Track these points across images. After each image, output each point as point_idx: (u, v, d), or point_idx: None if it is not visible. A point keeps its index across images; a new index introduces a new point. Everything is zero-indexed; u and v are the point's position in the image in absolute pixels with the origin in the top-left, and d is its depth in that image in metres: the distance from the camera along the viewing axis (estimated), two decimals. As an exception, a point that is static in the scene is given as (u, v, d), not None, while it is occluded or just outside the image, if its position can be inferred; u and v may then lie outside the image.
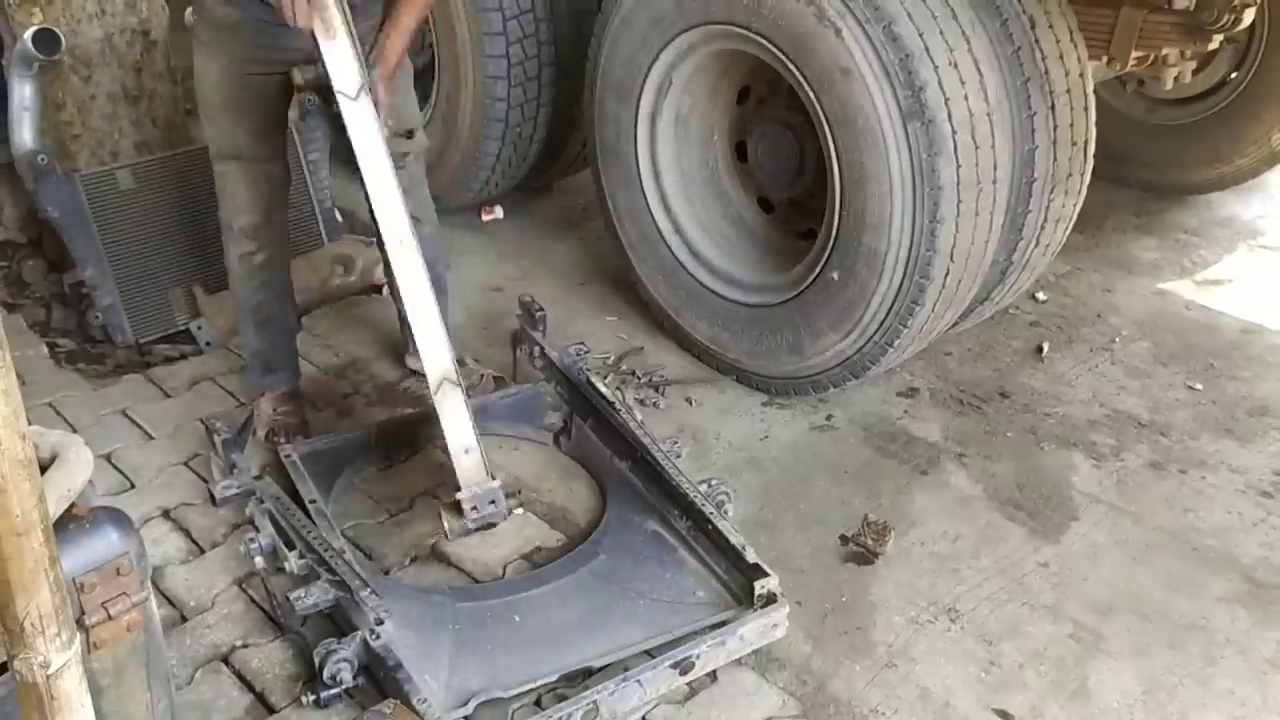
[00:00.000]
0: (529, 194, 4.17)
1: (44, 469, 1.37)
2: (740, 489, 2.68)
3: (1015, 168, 2.64)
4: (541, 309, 2.91)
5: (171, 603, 2.34)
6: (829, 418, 2.97)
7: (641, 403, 3.01)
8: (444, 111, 3.74)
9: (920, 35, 2.41)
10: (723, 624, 2.16)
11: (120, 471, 2.73)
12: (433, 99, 3.79)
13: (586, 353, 2.84)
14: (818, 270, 2.74)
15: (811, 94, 2.58)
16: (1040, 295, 3.59)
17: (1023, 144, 2.63)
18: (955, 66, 2.44)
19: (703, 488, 2.40)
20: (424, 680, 2.01)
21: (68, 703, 1.10)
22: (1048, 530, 2.58)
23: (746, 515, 2.61)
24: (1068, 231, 2.96)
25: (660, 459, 2.45)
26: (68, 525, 1.32)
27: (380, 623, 2.08)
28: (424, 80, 3.88)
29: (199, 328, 3.41)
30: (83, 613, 1.32)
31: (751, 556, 2.21)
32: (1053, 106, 2.64)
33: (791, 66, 2.59)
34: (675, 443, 2.60)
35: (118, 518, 1.37)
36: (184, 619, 2.30)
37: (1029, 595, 2.38)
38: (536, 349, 2.87)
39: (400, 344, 3.16)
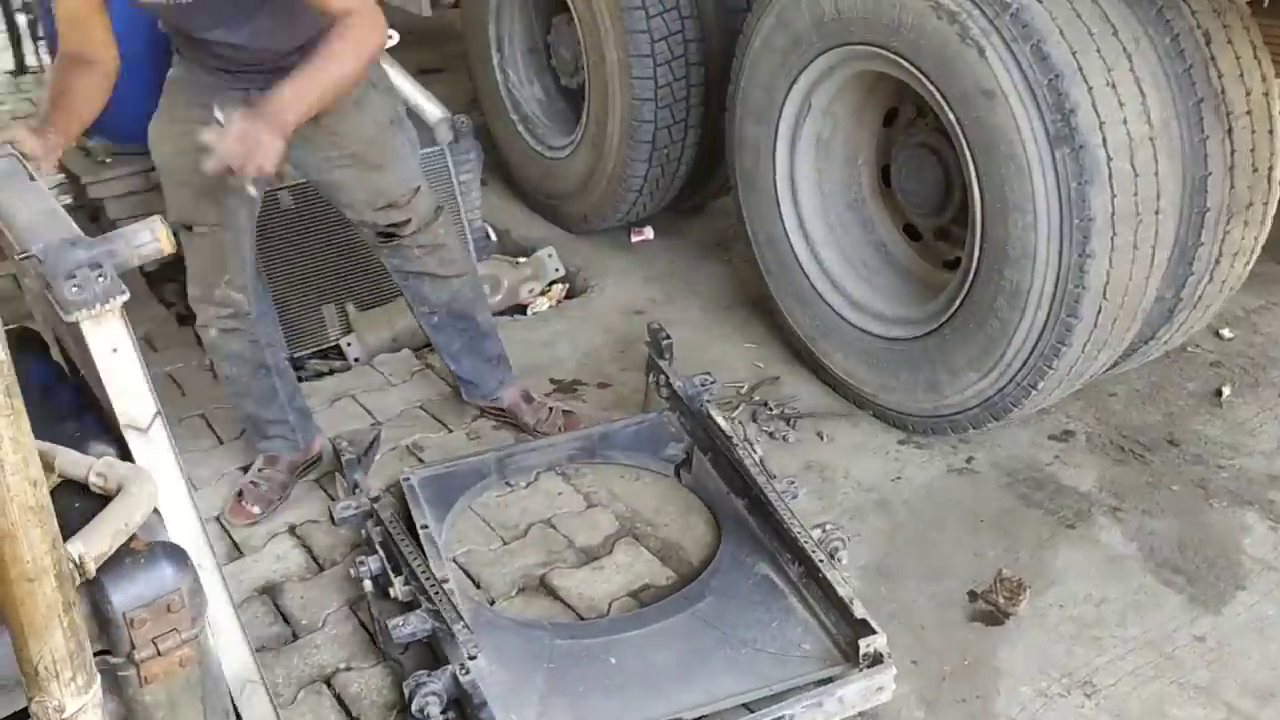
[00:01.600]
0: (681, 215, 4.12)
1: (109, 500, 1.40)
2: (865, 533, 2.54)
3: (1185, 197, 2.41)
4: (668, 336, 2.85)
5: (285, 619, 2.39)
6: (969, 460, 2.78)
7: (770, 435, 2.90)
8: (592, 134, 3.73)
9: (1073, 54, 2.22)
10: (827, 681, 2.04)
11: (256, 485, 2.81)
12: (582, 122, 3.79)
13: (712, 383, 2.75)
14: (957, 305, 2.57)
15: (953, 117, 2.42)
16: (1225, 332, 3.27)
17: (1194, 171, 2.40)
18: (1113, 87, 2.24)
19: (816, 533, 2.28)
20: (508, 718, 1.97)
21: (85, 747, 1.10)
22: (1209, 599, 2.33)
23: (869, 561, 2.47)
24: (1249, 266, 2.68)
25: (773, 499, 2.34)
26: (123, 559, 1.33)
27: (472, 658, 2.05)
28: (575, 104, 3.89)
29: (348, 344, 3.50)
30: (133, 647, 1.33)
31: (859, 611, 2.08)
32: (1230, 130, 2.39)
33: (932, 88, 2.44)
34: (793, 482, 2.48)
35: (174, 554, 1.37)
36: (295, 637, 2.34)
37: (1180, 672, 2.15)
38: (662, 377, 2.81)
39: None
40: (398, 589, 2.26)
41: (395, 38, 3.61)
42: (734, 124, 3.07)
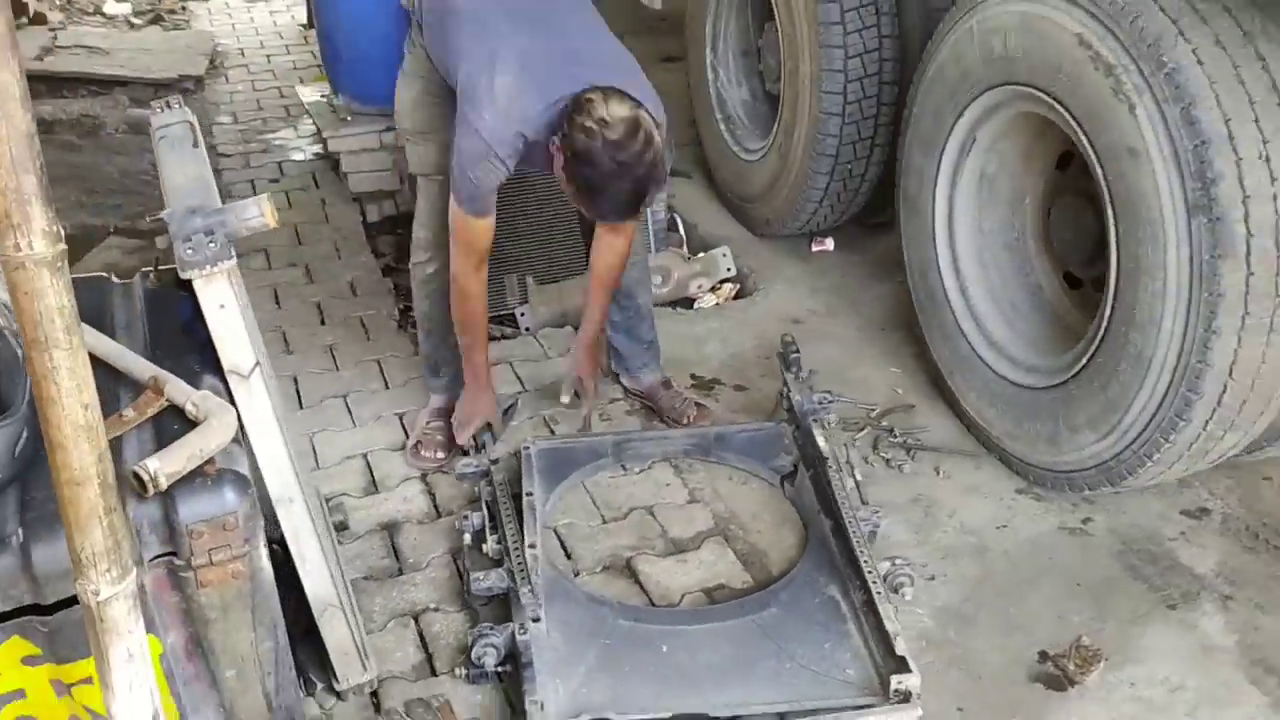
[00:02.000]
0: (867, 230, 4.12)
1: (194, 425, 1.65)
2: (952, 575, 2.54)
3: (1346, 284, 2.25)
4: (797, 350, 2.91)
5: (396, 555, 2.64)
6: (1086, 521, 2.70)
7: (887, 462, 2.91)
8: (780, 143, 3.81)
9: (1226, 121, 2.13)
10: (859, 709, 2.08)
11: (406, 431, 3.09)
12: (774, 129, 3.87)
13: (830, 401, 2.79)
14: (1084, 361, 2.51)
15: (1100, 171, 2.37)
16: None
17: (1357, 257, 2.24)
18: (1266, 160, 2.13)
19: (885, 564, 2.31)
20: (553, 684, 2.14)
21: (114, 627, 1.34)
22: (1299, 709, 2.20)
23: (947, 603, 2.46)
24: None
25: (848, 523, 2.38)
26: (194, 479, 1.58)
27: (535, 620, 2.23)
28: (776, 110, 3.95)
29: (522, 313, 3.74)
30: (191, 554, 1.58)
31: (901, 647, 2.10)
32: None
33: (1084, 138, 2.39)
34: (877, 512, 2.50)
35: (237, 481, 1.61)
36: (400, 572, 2.59)
37: (1239, 778, 2.06)
38: (785, 388, 2.88)
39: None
40: (489, 546, 2.46)
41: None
42: (903, 149, 3.08)
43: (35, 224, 1.13)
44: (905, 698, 2.05)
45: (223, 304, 1.74)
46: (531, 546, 2.44)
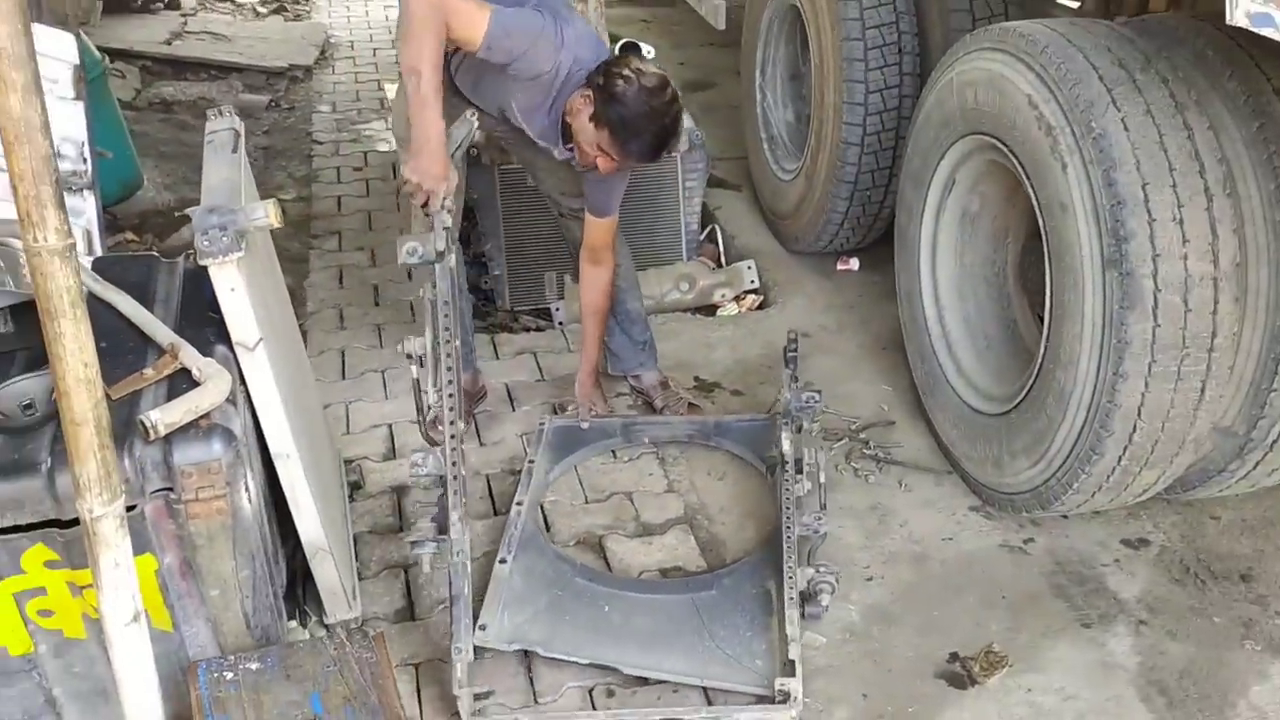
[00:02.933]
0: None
1: (196, 385, 2.02)
2: (889, 578, 2.78)
3: (1259, 341, 2.43)
4: (795, 349, 3.13)
5: (400, 514, 3.00)
6: (1027, 541, 2.91)
7: (855, 472, 3.16)
8: (807, 166, 4.06)
9: (1143, 185, 2.33)
10: (753, 699, 2.35)
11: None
12: (803, 154, 4.12)
13: (816, 401, 2.95)
14: (1024, 394, 2.73)
15: (1041, 221, 2.58)
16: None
17: (1275, 318, 2.41)
18: (1180, 223, 2.32)
19: (810, 571, 2.55)
20: (502, 615, 2.50)
21: (104, 539, 1.70)
22: (1178, 727, 2.39)
23: (876, 602, 2.71)
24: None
25: (784, 524, 2.64)
26: (188, 430, 1.94)
27: (503, 562, 2.64)
28: (804, 132, 4.22)
29: (557, 309, 4.09)
30: (182, 490, 1.95)
31: (793, 652, 2.35)
32: (1322, 285, 2.38)
33: (1031, 190, 2.61)
34: (820, 518, 2.74)
35: (226, 435, 1.97)
36: (400, 529, 2.95)
37: (1103, 782, 2.27)
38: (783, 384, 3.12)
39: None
40: (429, 398, 2.38)
41: (652, 52, 4.11)
42: (900, 182, 3.31)
43: (49, 223, 1.50)
44: (785, 698, 2.29)
45: (233, 288, 2.10)
46: (518, 504, 2.80)
